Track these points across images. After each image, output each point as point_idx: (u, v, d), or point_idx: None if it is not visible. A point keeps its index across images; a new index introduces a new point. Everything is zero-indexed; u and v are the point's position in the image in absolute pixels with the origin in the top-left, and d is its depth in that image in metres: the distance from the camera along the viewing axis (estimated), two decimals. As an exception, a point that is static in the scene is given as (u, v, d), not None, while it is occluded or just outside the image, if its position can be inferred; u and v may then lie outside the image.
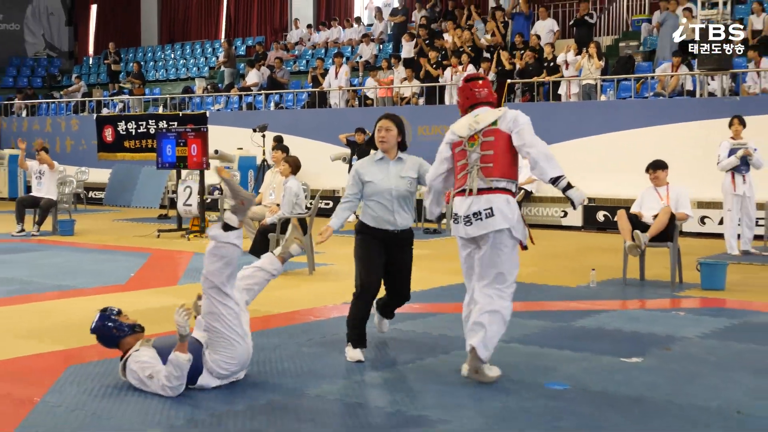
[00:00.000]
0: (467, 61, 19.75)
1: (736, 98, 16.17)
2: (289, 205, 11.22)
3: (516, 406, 5.44)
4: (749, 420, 5.17)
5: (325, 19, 28.55)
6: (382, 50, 24.67)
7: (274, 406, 5.44)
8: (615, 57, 20.01)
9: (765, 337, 7.46)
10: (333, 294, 9.62)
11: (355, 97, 21.77)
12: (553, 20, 21.32)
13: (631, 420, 5.16)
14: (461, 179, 5.98)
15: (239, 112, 23.25)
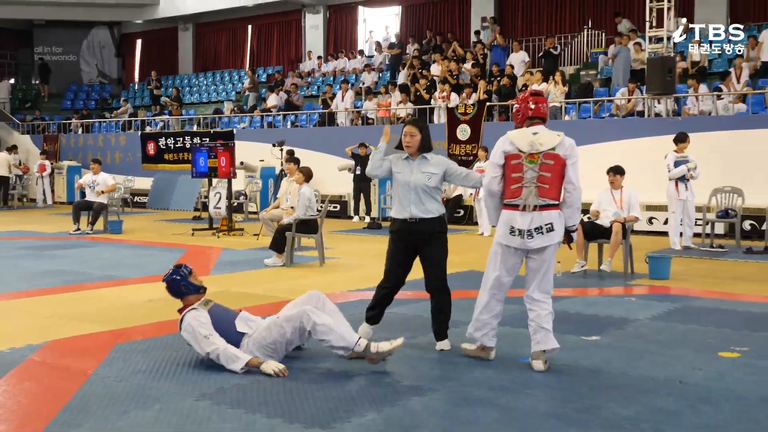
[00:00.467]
0: (449, 90, 19.70)
1: (678, 118, 16.15)
2: (303, 208, 11.22)
3: (494, 376, 5.43)
4: (688, 388, 5.16)
5: (333, 51, 28.53)
6: (381, 78, 24.65)
7: (292, 376, 5.42)
8: (577, 83, 19.99)
9: (703, 319, 7.45)
10: (341, 283, 9.61)
11: (359, 117, 21.75)
12: (524, 52, 21.32)
13: (590, 388, 5.15)
14: (514, 191, 5.56)
15: (261, 130, 23.22)
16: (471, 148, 18.23)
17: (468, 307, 7.92)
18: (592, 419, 4.54)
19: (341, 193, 19.49)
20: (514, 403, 4.83)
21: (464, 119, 18.53)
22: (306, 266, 11.19)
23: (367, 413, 4.66)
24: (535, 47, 23.21)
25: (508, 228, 5.61)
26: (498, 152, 5.65)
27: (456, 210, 17.63)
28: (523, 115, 5.76)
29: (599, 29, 22.97)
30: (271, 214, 12.38)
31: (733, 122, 15.25)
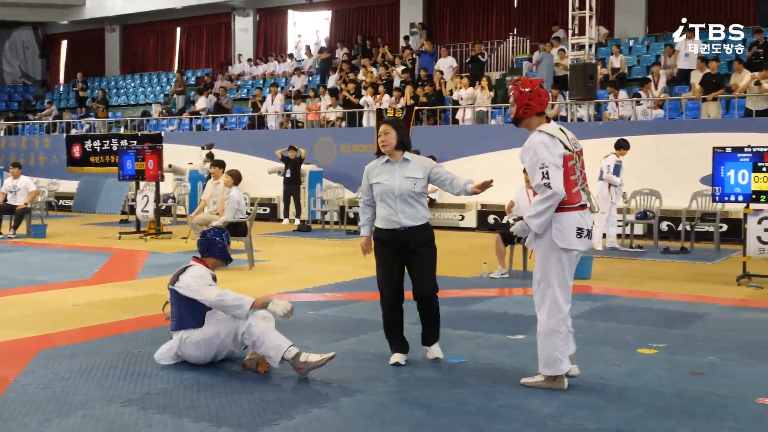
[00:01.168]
0: (383, 91, 19.77)
1: (599, 123, 16.51)
2: (232, 210, 11.13)
3: (422, 376, 5.46)
4: (608, 384, 5.28)
5: (263, 54, 28.35)
6: (311, 81, 24.58)
7: (218, 380, 5.36)
8: (503, 89, 20.24)
9: (623, 317, 7.62)
10: (270, 285, 9.54)
11: (288, 120, 21.66)
12: (452, 58, 21.50)
13: (515, 386, 5.22)
14: (575, 195, 5.05)
15: (190, 133, 22.91)
16: (400, 152, 18.31)
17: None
18: (516, 416, 4.61)
19: (271, 195, 19.37)
20: (441, 403, 4.87)
21: (393, 123, 18.60)
22: (236, 269, 11.07)
23: (296, 415, 4.64)
24: (462, 53, 23.46)
25: (574, 231, 5.03)
26: (556, 154, 5.00)
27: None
28: (533, 110, 5.20)
29: (524, 36, 23.35)
30: (200, 218, 12.22)
31: (652, 127, 15.64)
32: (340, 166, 19.01)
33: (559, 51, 19.29)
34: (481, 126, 17.93)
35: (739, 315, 7.78)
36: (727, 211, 13.61)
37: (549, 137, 5.06)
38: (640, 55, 20.41)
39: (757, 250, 9.48)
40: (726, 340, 6.59)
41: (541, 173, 4.96)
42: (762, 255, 9.53)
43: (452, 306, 8.15)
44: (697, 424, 4.48)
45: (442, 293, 8.24)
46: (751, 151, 9.58)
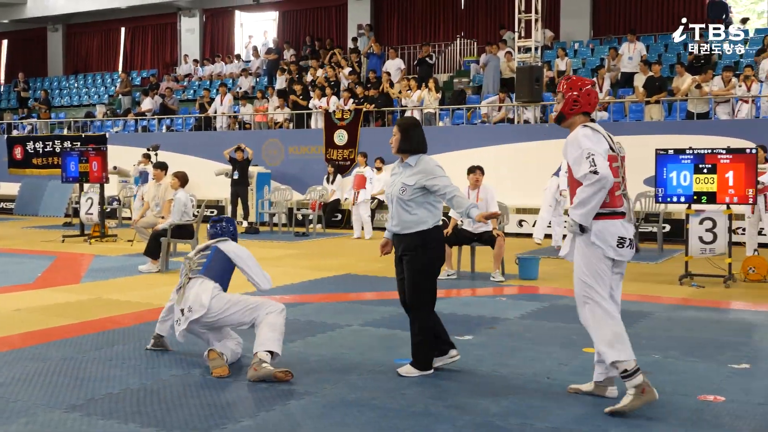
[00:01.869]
0: (330, 93, 19.73)
1: (546, 125, 16.71)
2: (179, 213, 11.01)
3: (369, 378, 5.46)
4: (555, 383, 5.34)
5: (209, 55, 28.12)
6: (258, 82, 24.45)
7: (165, 384, 5.30)
8: (450, 91, 20.38)
9: (569, 317, 7.68)
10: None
11: (236, 122, 21.51)
12: (400, 60, 21.57)
13: (463, 386, 5.25)
14: (617, 198, 4.78)
15: (135, 134, 22.61)
16: (348, 153, 18.32)
17: (345, 310, 7.97)
18: (463, 416, 4.64)
19: (218, 197, 19.21)
20: (388, 404, 4.88)
21: (341, 125, 18.61)
22: (182, 272, 10.96)
23: (243, 419, 4.61)
24: (410, 55, 23.54)
25: (616, 239, 4.74)
26: (602, 148, 4.75)
27: (334, 214, 17.68)
28: (581, 107, 4.94)
29: (471, 38, 23.51)
30: (145, 221, 12.06)
31: (596, 129, 15.87)
32: (289, 168, 18.93)
33: (506, 53, 19.48)
34: (428, 128, 17.97)
35: (681, 314, 7.93)
36: (670, 212, 13.88)
37: (592, 131, 4.83)
38: (585, 58, 20.71)
39: (699, 250, 9.69)
40: (669, 339, 6.72)
41: (589, 162, 4.66)
42: (703, 255, 9.74)
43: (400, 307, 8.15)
44: (640, 421, 4.56)
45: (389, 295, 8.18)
46: (693, 153, 9.78)
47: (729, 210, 9.70)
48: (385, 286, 9.59)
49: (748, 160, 9.60)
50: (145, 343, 6.43)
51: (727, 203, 9.68)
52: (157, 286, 9.64)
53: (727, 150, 9.80)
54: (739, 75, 16.13)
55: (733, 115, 15.51)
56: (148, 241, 11.18)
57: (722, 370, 5.71)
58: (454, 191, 5.48)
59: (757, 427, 4.51)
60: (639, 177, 14.62)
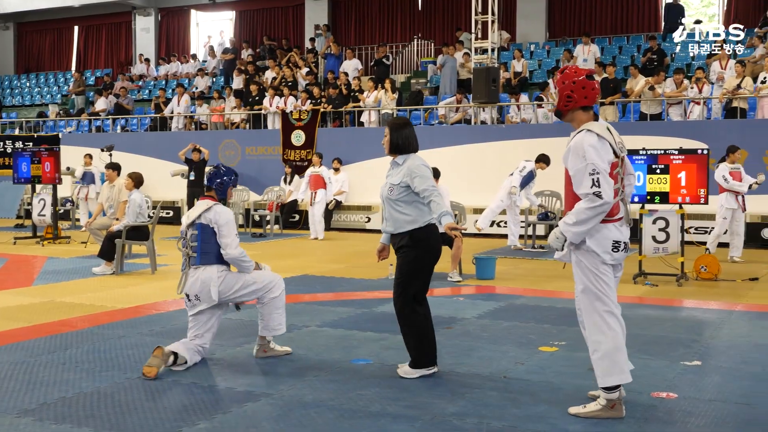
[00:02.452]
0: (288, 93, 19.60)
1: (503, 126, 16.83)
2: (134, 214, 10.89)
3: (328, 378, 5.45)
4: (512, 381, 5.38)
5: (165, 55, 27.83)
6: (215, 82, 24.27)
7: (119, 387, 5.24)
8: (408, 91, 20.43)
9: (525, 316, 7.77)
10: (173, 290, 9.31)
11: (192, 122, 21.32)
12: (357, 60, 21.57)
13: (420, 386, 5.26)
14: (616, 206, 4.67)
15: (89, 134, 22.30)
16: (305, 154, 18.27)
17: (302, 311, 7.95)
18: (421, 416, 4.65)
19: (174, 198, 19.04)
20: (346, 405, 4.87)
21: (299, 125, 18.55)
22: (137, 274, 10.84)
23: (200, 422, 4.57)
24: (368, 55, 23.56)
25: (611, 244, 4.65)
26: (608, 159, 4.58)
27: (291, 215, 17.61)
28: (575, 102, 4.69)
29: (428, 39, 23.60)
30: (99, 223, 11.89)
31: (553, 130, 16.03)
32: (245, 169, 18.81)
33: (463, 54, 19.58)
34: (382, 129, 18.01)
35: (635, 312, 8.03)
36: (625, 212, 14.05)
37: (598, 139, 4.57)
38: (541, 59, 20.92)
39: (652, 250, 9.83)
40: (623, 337, 6.80)
41: (592, 180, 4.47)
42: (657, 254, 9.88)
43: (358, 308, 8.17)
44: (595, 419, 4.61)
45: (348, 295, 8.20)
46: (646, 153, 9.93)
47: (681, 210, 9.87)
48: (343, 287, 9.58)
49: (700, 161, 9.78)
50: (99, 347, 6.35)
51: (679, 203, 9.85)
52: (111, 289, 9.52)
53: (680, 151, 9.97)
54: (691, 77, 16.42)
55: (685, 117, 15.77)
56: (102, 242, 11.04)
57: (675, 367, 5.80)
58: (431, 194, 5.37)
59: (708, 422, 4.59)
60: (594, 177, 14.77)
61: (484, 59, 17.47)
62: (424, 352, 5.50)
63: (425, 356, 5.50)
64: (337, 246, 14.41)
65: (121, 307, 8.24)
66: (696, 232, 13.80)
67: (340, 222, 17.24)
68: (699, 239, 13.38)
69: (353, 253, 13.19)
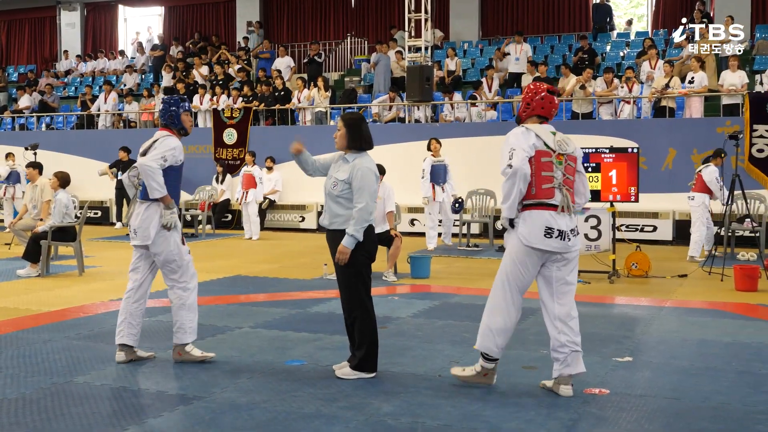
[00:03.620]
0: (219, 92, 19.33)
1: (437, 124, 16.94)
2: (60, 214, 10.64)
3: (260, 380, 5.41)
4: (446, 381, 5.42)
5: (91, 51, 27.28)
6: (144, 80, 23.88)
7: (45, 393, 5.12)
8: (341, 89, 20.41)
9: (460, 315, 7.84)
10: (102, 292, 9.18)
11: (120, 120, 20.93)
12: (290, 58, 21.46)
13: (354, 387, 5.26)
14: (546, 191, 5.00)
15: (12, 132, 21.72)
16: (238, 152, 18.12)
17: (235, 313, 7.88)
18: (356, 416, 4.65)
19: (102, 198, 18.67)
20: (280, 407, 4.85)
21: (231, 123, 18.38)
22: (64, 276, 10.61)
23: (129, 426, 4.49)
24: (300, 53, 23.47)
25: (542, 229, 4.96)
26: (527, 143, 5.00)
27: (224, 215, 17.44)
28: (532, 110, 5.19)
29: (362, 37, 23.63)
30: (23, 224, 11.60)
31: (486, 129, 16.21)
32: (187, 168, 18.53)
33: (396, 52, 19.64)
34: (319, 127, 17.97)
35: (567, 309, 8.17)
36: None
37: (524, 130, 5.09)
38: (475, 58, 21.13)
39: (585, 247, 10.01)
40: (556, 334, 6.91)
41: (507, 156, 4.96)
42: (589, 251, 10.07)
43: (292, 308, 8.14)
44: (529, 415, 4.68)
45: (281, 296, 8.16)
46: (577, 152, 10.10)
47: (612, 207, 10.08)
48: (277, 287, 9.53)
49: (631, 159, 10.00)
50: (24, 352, 6.20)
51: (610, 201, 10.06)
52: (36, 291, 9.29)
53: (611, 149, 10.18)
54: (621, 76, 16.77)
55: (616, 116, 16.10)
56: (27, 244, 10.76)
57: (607, 363, 5.92)
58: (360, 206, 5.29)
59: (639, 417, 4.69)
60: (527, 176, 14.96)
61: (418, 57, 17.55)
62: (371, 356, 5.47)
63: (371, 361, 5.48)
64: (270, 246, 14.32)
65: (47, 311, 8.05)
66: (627, 229, 14.10)
67: (274, 222, 17.14)
68: (630, 237, 13.68)
69: (287, 253, 13.13)
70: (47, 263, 10.65)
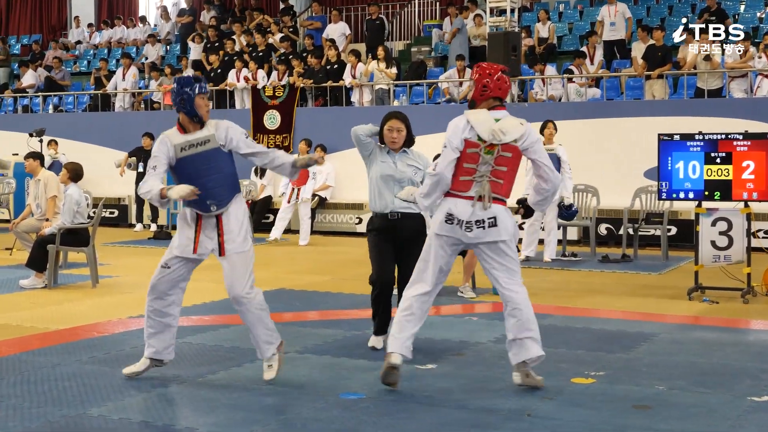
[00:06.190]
0: (255, 68, 19.43)
1: (525, 104, 16.83)
2: (70, 213, 10.84)
3: (310, 417, 5.45)
4: (538, 421, 5.38)
5: (107, 17, 27.80)
6: (169, 51, 24.25)
7: (54, 427, 5.24)
8: (407, 63, 20.39)
9: (553, 340, 7.75)
10: (118, 308, 9.35)
11: (141, 100, 21.27)
12: (345, 24, 21.51)
13: (425, 427, 5.27)
14: (462, 183, 5.91)
15: (14, 115, 22.28)
16: (282, 139, 18.25)
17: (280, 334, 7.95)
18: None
19: (120, 195, 19.00)
20: None
21: (273, 104, 18.53)
22: (75, 287, 10.83)
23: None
24: (357, 17, 23.51)
25: (444, 215, 5.95)
26: (458, 138, 5.88)
27: (265, 215, 17.43)
28: (490, 92, 5.97)
29: (432, -3, 23.57)
30: (26, 225, 11.87)
31: (586, 110, 16.04)
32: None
33: (475, 17, 19.54)
34: (381, 108, 18.00)
35: (690, 335, 8.04)
36: (677, 211, 14.05)
37: (462, 119, 5.95)
38: (572, 22, 20.91)
39: (711, 258, 9.81)
40: (675, 366, 6.81)
41: (442, 150, 5.97)
42: (716, 263, 9.86)
43: (348, 330, 8.18)
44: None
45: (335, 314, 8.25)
46: (703, 138, 9.92)
47: (747, 208, 9.86)
48: (329, 303, 9.58)
49: (770, 148, 9.75)
50: (29, 378, 6.35)
51: (744, 200, 9.84)
52: (43, 306, 9.51)
53: (745, 135, 9.96)
54: (759, 44, 16.37)
55: (752, 93, 15.79)
56: (31, 249, 11.01)
57: (740, 403, 5.80)
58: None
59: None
60: (638, 168, 14.77)
61: (502, 22, 17.45)
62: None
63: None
64: (320, 253, 14.41)
65: (56, 329, 8.23)
66: (766, 236, 13.78)
67: (324, 224, 17.18)
68: (768, 244, 13.40)
69: (340, 263, 13.19)
70: (55, 272, 10.87)
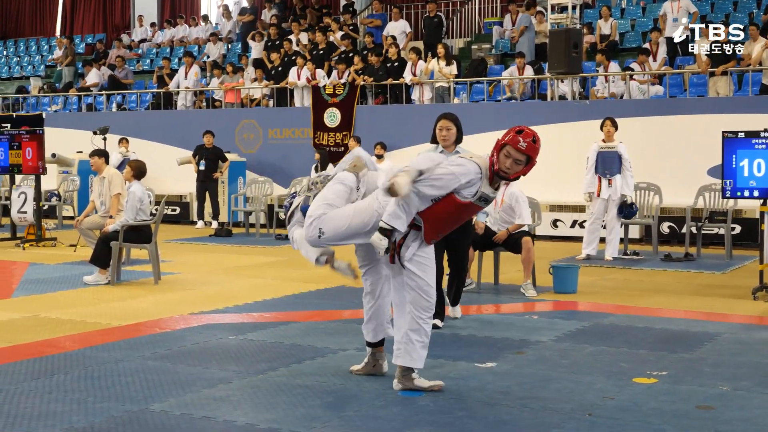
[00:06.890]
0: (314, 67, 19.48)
1: (586, 102, 16.70)
2: (133, 210, 10.99)
3: (369, 414, 5.46)
4: (599, 421, 5.34)
5: (170, 16, 28.10)
6: (230, 50, 24.45)
7: (117, 422, 5.30)
8: (467, 60, 20.35)
9: (614, 339, 7.71)
10: (180, 304, 9.45)
11: (203, 98, 21.47)
12: (405, 22, 21.51)
13: (485, 425, 5.25)
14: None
15: (78, 114, 22.62)
16: (341, 137, 18.32)
17: (338, 331, 7.98)
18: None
19: (182, 192, 19.20)
20: None
21: (333, 102, 18.61)
22: (137, 284, 10.97)
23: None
24: (417, 15, 23.50)
25: None
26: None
27: (324, 213, 17.55)
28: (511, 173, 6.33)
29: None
30: (90, 222, 12.05)
31: (650, 107, 15.88)
32: (268, 156, 18.94)
33: (537, 14, 19.44)
34: (441, 106, 17.98)
35: (755, 335, 7.92)
36: (741, 210, 13.88)
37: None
38: (635, 18, 20.70)
39: (777, 256, 9.67)
40: (740, 366, 6.71)
41: None
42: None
43: (408, 327, 8.15)
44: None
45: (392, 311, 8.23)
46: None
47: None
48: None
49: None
50: (92, 373, 6.44)
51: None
52: (106, 302, 9.64)
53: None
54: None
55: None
56: (94, 246, 11.17)
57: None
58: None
59: None
60: (702, 166, 14.61)
61: (563, 19, 17.34)
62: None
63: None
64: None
65: (118, 325, 8.34)
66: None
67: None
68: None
69: (400, 260, 13.17)
70: (118, 269, 11.02)
